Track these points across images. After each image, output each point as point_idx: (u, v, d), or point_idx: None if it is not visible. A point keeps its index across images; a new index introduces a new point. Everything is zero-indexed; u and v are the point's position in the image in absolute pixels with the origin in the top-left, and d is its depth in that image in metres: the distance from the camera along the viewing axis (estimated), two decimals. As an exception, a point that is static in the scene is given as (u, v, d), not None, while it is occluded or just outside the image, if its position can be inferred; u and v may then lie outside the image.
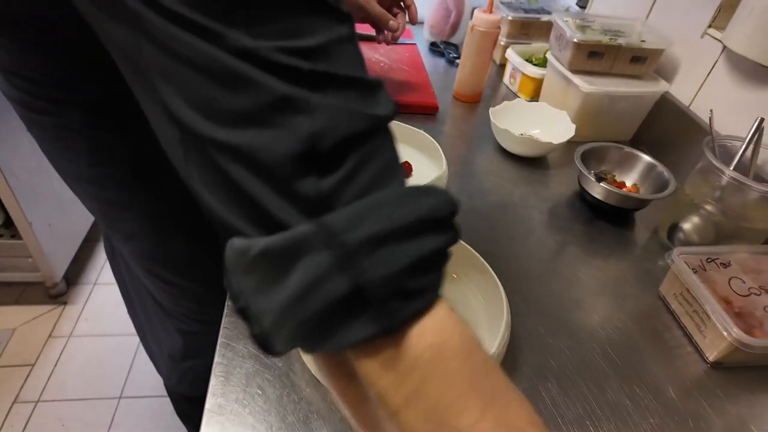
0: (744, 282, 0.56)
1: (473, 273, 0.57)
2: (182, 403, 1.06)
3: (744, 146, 0.64)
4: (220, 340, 0.49)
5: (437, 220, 0.26)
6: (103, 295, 1.60)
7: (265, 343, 0.26)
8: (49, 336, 1.46)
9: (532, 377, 0.51)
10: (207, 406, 0.44)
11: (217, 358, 0.47)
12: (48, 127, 0.56)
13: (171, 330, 0.81)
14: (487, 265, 0.54)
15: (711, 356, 0.54)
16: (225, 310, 0.52)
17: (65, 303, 1.56)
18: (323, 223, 0.24)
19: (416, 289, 0.25)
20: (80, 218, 1.62)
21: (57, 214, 1.45)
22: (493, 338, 0.48)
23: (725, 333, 0.51)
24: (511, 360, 0.52)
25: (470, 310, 0.55)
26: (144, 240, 0.67)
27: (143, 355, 1.44)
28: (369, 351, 0.25)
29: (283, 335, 0.25)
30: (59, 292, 1.56)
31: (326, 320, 0.24)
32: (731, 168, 0.62)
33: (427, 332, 0.25)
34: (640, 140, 0.94)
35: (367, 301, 0.24)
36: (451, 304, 0.27)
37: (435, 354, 0.25)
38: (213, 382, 0.45)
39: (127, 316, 1.54)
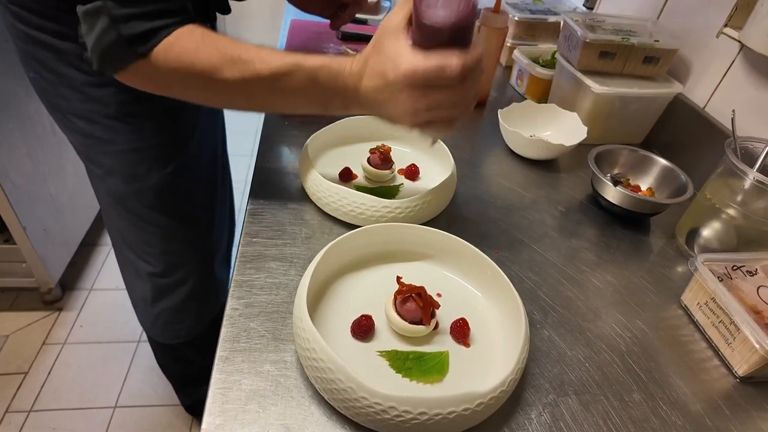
0: (772, 291, 0.54)
1: (487, 282, 0.54)
2: (158, 351, 1.11)
3: (767, 148, 0.61)
4: (218, 353, 0.46)
5: (170, 11, 0.51)
6: (99, 301, 1.57)
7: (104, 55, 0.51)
8: (43, 343, 1.43)
9: (551, 392, 0.48)
10: (204, 426, 0.41)
11: (215, 374, 0.44)
12: (46, 61, 0.64)
13: (142, 274, 0.87)
14: (503, 274, 0.51)
15: (740, 370, 0.51)
16: (224, 321, 0.49)
17: (60, 309, 1.53)
18: (105, 2, 0.48)
19: (150, 37, 0.50)
20: (76, 223, 1.58)
21: (52, 218, 1.42)
22: (512, 352, 0.45)
23: (757, 345, 0.48)
24: (529, 374, 0.49)
25: (485, 322, 0.52)
26: (121, 174, 0.73)
27: (139, 363, 1.41)
28: (142, 65, 0.51)
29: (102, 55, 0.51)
30: (54, 297, 1.53)
31: (107, 53, 0.50)
32: (755, 170, 0.60)
33: (166, 47, 0.50)
34: (652, 142, 0.91)
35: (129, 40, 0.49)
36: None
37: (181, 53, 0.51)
38: (210, 399, 0.42)
39: (124, 322, 1.52)
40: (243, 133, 2.43)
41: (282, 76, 0.50)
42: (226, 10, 0.76)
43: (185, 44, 0.50)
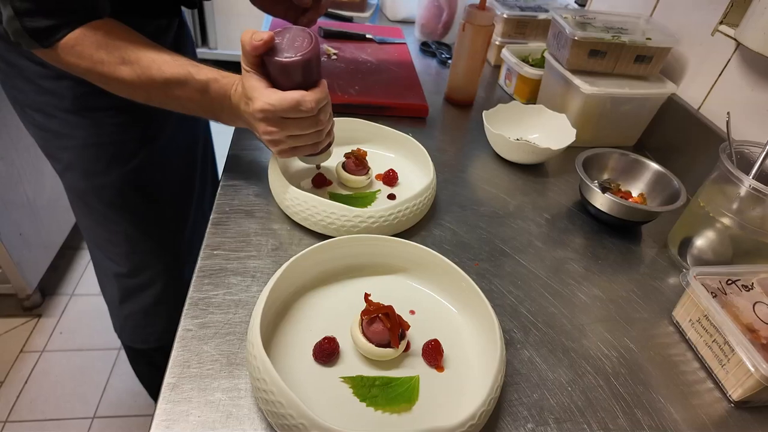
0: (770, 308, 0.50)
1: (463, 298, 0.50)
2: (131, 356, 1.08)
3: (764, 153, 0.57)
4: (165, 380, 0.42)
5: (73, 8, 0.51)
6: (80, 307, 1.52)
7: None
8: (21, 351, 1.39)
9: (529, 420, 0.44)
10: (143, 463, 0.37)
11: (160, 404, 0.40)
12: (1, 52, 0.63)
13: (110, 274, 0.86)
14: (480, 292, 0.47)
15: (735, 394, 0.47)
16: (175, 343, 0.45)
17: (40, 315, 1.48)
18: None
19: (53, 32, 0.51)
20: (55, 226, 1.54)
21: (29, 222, 1.37)
22: (487, 379, 0.41)
23: (752, 369, 0.44)
24: (506, 400, 0.45)
25: (460, 343, 0.49)
26: (79, 169, 0.72)
27: (120, 372, 1.37)
28: (48, 53, 0.53)
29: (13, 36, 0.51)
30: (33, 303, 1.48)
31: (18, 37, 0.51)
32: (751, 176, 0.56)
33: (70, 41, 0.52)
34: (644, 146, 0.88)
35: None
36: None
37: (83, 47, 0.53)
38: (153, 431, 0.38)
39: (105, 328, 1.47)
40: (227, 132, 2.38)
41: (174, 84, 0.54)
42: (194, 5, 0.73)
43: (86, 43, 0.52)
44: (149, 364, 1.05)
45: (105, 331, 1.45)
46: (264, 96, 0.50)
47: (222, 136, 1.14)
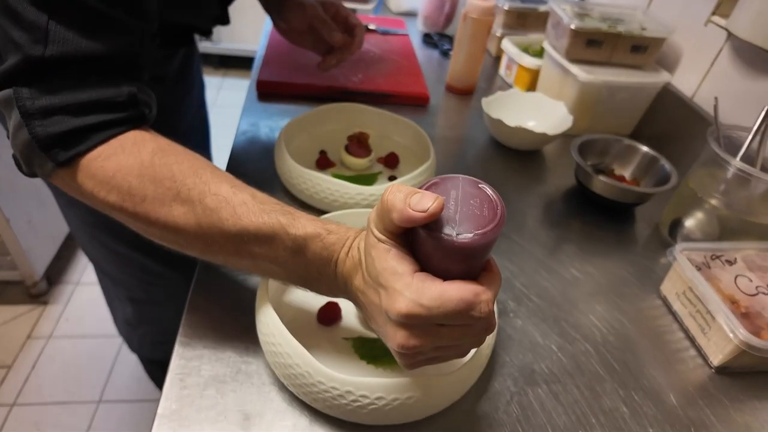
0: (751, 281, 0.52)
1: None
2: (148, 365, 1.06)
3: (751, 137, 0.60)
4: (179, 339, 0.45)
5: (111, 104, 0.36)
6: (86, 295, 1.55)
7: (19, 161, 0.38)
8: (28, 337, 1.42)
9: (520, 381, 0.46)
10: (159, 410, 0.39)
11: (174, 359, 0.43)
12: None
13: (122, 298, 0.82)
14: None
15: (715, 360, 0.50)
16: (186, 306, 0.48)
17: (46, 303, 1.51)
18: (17, 90, 0.35)
19: (76, 141, 0.36)
20: (61, 216, 1.57)
21: (37, 210, 1.40)
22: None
23: (731, 335, 0.46)
24: (498, 362, 0.47)
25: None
26: (86, 205, 0.67)
27: (124, 358, 1.40)
28: (64, 176, 0.37)
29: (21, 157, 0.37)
30: (40, 291, 1.51)
31: (27, 155, 0.36)
32: (737, 159, 0.58)
33: (98, 158, 0.36)
34: (640, 134, 0.90)
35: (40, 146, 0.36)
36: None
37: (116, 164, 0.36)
38: (168, 385, 0.41)
39: (110, 317, 1.49)
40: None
41: (254, 240, 0.36)
42: (208, 32, 0.72)
43: (126, 160, 0.36)
44: (166, 370, 1.05)
45: (110, 320, 1.47)
46: (413, 292, 0.30)
47: (216, 128, 1.16)
